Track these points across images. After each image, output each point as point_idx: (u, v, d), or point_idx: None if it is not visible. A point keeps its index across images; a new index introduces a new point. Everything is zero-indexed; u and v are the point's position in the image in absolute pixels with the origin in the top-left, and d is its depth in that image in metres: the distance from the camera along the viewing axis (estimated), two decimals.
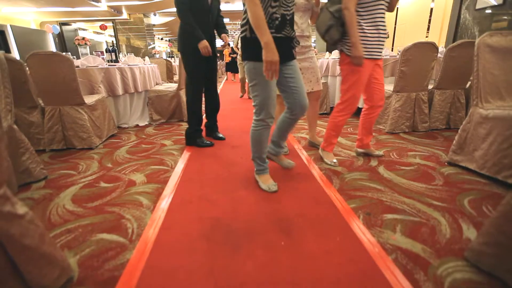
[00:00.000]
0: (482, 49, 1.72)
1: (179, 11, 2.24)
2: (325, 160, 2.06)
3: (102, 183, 1.84)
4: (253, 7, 1.28)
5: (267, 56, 1.30)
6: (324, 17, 1.76)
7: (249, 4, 1.28)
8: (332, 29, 1.73)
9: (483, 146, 1.72)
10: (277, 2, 1.37)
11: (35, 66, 2.32)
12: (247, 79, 1.51)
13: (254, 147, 1.67)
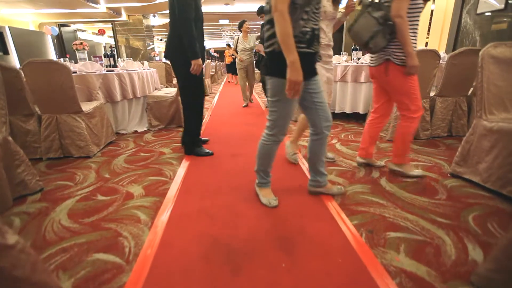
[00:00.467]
0: (486, 60, 1.69)
1: (187, 25, 2.12)
2: (411, 173, 1.93)
3: (99, 195, 1.80)
4: (282, 22, 1.21)
5: (292, 76, 1.24)
6: (368, 23, 1.64)
7: (278, 18, 1.22)
8: (379, 36, 1.63)
9: (487, 159, 1.69)
10: (307, 15, 1.31)
11: (32, 74, 2.28)
12: (270, 93, 1.44)
13: (261, 160, 1.62)
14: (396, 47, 1.68)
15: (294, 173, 2.08)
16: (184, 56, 2.21)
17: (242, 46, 4.75)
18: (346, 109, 3.61)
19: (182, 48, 2.19)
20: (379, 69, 1.79)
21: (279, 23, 1.22)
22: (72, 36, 12.01)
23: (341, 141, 2.79)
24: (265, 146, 1.56)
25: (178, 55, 2.26)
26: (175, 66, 2.36)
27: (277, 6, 1.21)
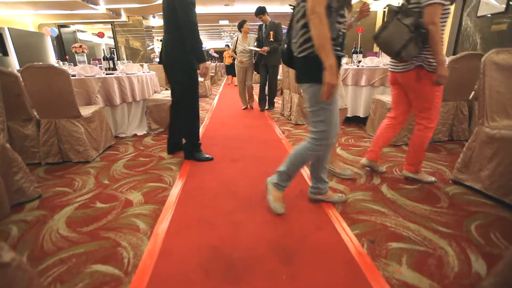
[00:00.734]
0: (489, 66, 1.68)
1: (194, 29, 2.12)
2: (426, 180, 1.92)
3: (98, 203, 1.79)
4: (320, 25, 1.18)
5: (332, 79, 1.21)
6: (400, 30, 1.55)
7: (317, 21, 1.18)
8: (411, 44, 1.55)
9: (490, 166, 1.67)
10: (342, 18, 1.29)
11: (30, 79, 2.26)
12: (310, 103, 1.37)
13: (295, 166, 1.53)
14: (429, 54, 1.62)
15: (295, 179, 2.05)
16: (187, 60, 2.20)
17: (241, 47, 4.62)
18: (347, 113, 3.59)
19: (185, 53, 2.18)
20: (408, 75, 1.72)
21: (318, 26, 1.19)
22: (72, 37, 11.99)
23: (341, 146, 2.78)
24: (312, 155, 1.48)
25: (181, 60, 2.23)
26: (176, 71, 2.31)
27: (315, 9, 1.17)
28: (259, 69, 4.61)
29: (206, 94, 6.89)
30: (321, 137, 1.42)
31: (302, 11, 1.29)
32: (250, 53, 4.65)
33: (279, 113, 4.51)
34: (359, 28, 4.13)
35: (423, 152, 1.89)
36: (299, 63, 1.37)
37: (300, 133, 3.29)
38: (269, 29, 4.40)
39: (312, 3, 1.19)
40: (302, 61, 1.35)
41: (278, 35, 4.40)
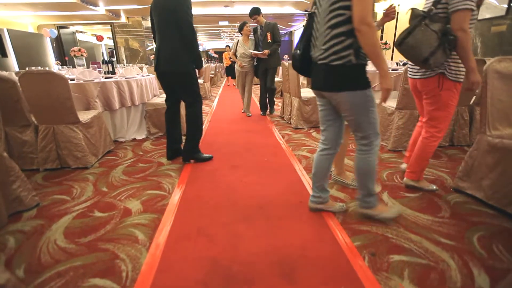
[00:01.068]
0: (491, 75, 1.66)
1: (196, 41, 2.29)
2: (427, 188, 1.91)
3: (96, 211, 1.77)
4: (373, 34, 1.19)
5: (388, 84, 1.25)
6: (428, 36, 1.48)
7: (369, 31, 1.18)
8: (440, 51, 1.49)
9: (492, 175, 1.66)
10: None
11: (28, 85, 2.25)
12: (352, 111, 1.35)
13: (370, 180, 1.49)
14: (452, 61, 1.59)
15: (295, 188, 2.05)
16: (191, 64, 2.35)
17: (242, 51, 4.32)
18: None
19: (188, 58, 2.31)
20: (428, 82, 1.68)
21: (370, 35, 1.18)
22: (71, 38, 11.98)
23: None
24: (372, 161, 1.46)
25: (190, 66, 2.35)
26: (185, 76, 2.35)
27: (366, 19, 1.17)
28: (258, 74, 4.42)
29: (205, 96, 6.87)
30: (374, 138, 1.43)
31: (338, 17, 1.26)
32: (251, 57, 4.39)
33: (279, 116, 4.50)
34: None
35: (426, 161, 1.87)
36: (333, 71, 1.33)
37: (300, 138, 3.27)
38: (265, 30, 4.20)
39: (362, 13, 1.17)
40: (338, 69, 1.31)
41: (276, 36, 4.20)
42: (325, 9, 1.31)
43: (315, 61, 1.43)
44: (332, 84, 1.35)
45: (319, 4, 1.37)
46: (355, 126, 1.43)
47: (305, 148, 2.89)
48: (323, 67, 1.36)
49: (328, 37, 1.30)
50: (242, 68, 4.40)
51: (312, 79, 1.50)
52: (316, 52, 1.40)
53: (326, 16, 1.30)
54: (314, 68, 1.45)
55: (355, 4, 1.18)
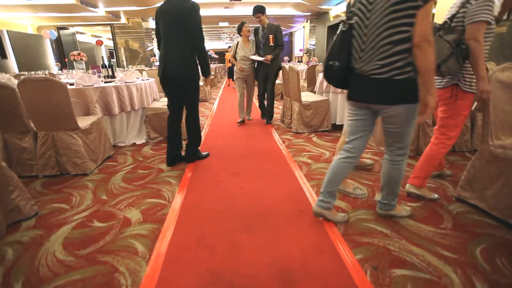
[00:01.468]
0: (493, 85, 1.65)
1: (206, 52, 2.44)
2: (428, 197, 1.91)
3: (95, 221, 1.75)
4: (432, 52, 1.22)
5: (434, 100, 1.29)
6: (440, 46, 1.55)
7: (429, 49, 1.22)
8: (452, 60, 1.56)
9: (494, 186, 1.64)
10: None
11: (27, 92, 2.23)
12: (402, 123, 1.39)
13: (396, 187, 1.59)
14: (466, 73, 1.64)
15: (295, 196, 2.03)
16: (197, 71, 2.45)
17: (242, 53, 3.99)
18: None
19: (197, 66, 2.44)
20: (442, 92, 1.76)
21: (430, 54, 1.22)
22: (71, 39, 11.97)
23: None
24: (404, 169, 1.54)
25: (196, 72, 2.44)
26: (190, 82, 2.47)
27: (429, 37, 1.21)
28: (257, 78, 4.15)
29: (205, 98, 6.85)
30: (407, 150, 1.52)
31: (401, 34, 1.26)
32: (251, 60, 4.08)
33: (279, 120, 4.48)
34: None
35: (432, 167, 1.87)
36: (394, 85, 1.33)
37: (301, 143, 3.25)
38: (268, 32, 3.87)
39: (425, 30, 1.20)
40: (401, 84, 1.32)
41: (278, 39, 3.88)
42: (380, 24, 1.29)
43: (361, 74, 1.41)
44: (390, 98, 1.36)
45: (365, 16, 1.35)
46: (398, 138, 1.47)
47: (306, 154, 2.88)
48: (379, 81, 1.34)
49: (389, 52, 1.30)
50: (242, 72, 4.07)
51: (354, 92, 1.49)
52: (366, 66, 1.38)
53: (384, 31, 1.29)
54: (359, 80, 1.44)
55: (419, 21, 1.20)
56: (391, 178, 1.57)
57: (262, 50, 3.95)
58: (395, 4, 1.23)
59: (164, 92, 2.62)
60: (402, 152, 1.51)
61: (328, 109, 3.63)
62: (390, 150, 1.53)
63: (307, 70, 5.61)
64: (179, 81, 2.41)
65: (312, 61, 7.91)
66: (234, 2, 9.15)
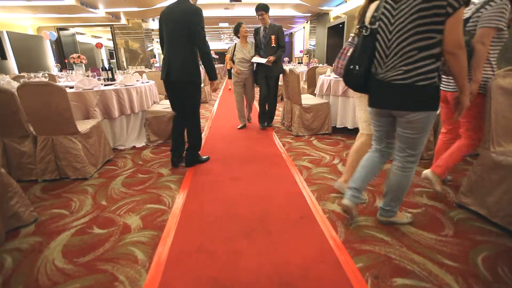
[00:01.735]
0: (495, 91, 1.64)
1: (211, 57, 2.44)
2: (438, 188, 1.95)
3: (95, 228, 1.75)
4: (465, 57, 1.25)
5: (467, 101, 1.35)
6: None
7: (463, 54, 1.24)
8: None
9: (496, 193, 1.64)
10: None
11: (27, 96, 2.22)
12: (419, 130, 1.39)
13: (403, 193, 1.59)
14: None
15: (296, 201, 2.02)
16: (200, 76, 2.47)
17: (241, 55, 3.79)
18: (348, 124, 3.56)
19: (199, 70, 2.47)
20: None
21: (464, 58, 1.25)
22: (71, 40, 11.95)
23: (343, 161, 2.74)
24: (412, 177, 1.54)
25: (198, 76, 2.47)
26: (192, 87, 2.49)
27: (462, 43, 1.22)
28: (257, 81, 3.92)
29: (206, 100, 6.85)
30: (418, 158, 1.51)
31: (428, 40, 1.26)
32: (250, 62, 3.86)
33: (280, 122, 4.47)
34: None
35: (454, 161, 1.94)
36: (418, 91, 1.33)
37: (301, 146, 3.24)
38: (269, 32, 3.67)
39: (458, 37, 1.21)
40: (424, 90, 1.31)
41: (281, 40, 3.71)
42: (406, 30, 1.29)
43: (382, 80, 1.41)
44: (412, 104, 1.35)
45: (389, 22, 1.35)
46: (412, 144, 1.45)
47: (306, 158, 2.87)
48: (401, 87, 1.35)
49: (415, 58, 1.30)
50: (240, 75, 3.86)
51: (375, 97, 1.49)
52: (389, 71, 1.38)
53: (409, 37, 1.29)
54: (381, 87, 1.43)
55: (450, 29, 1.21)
56: (399, 185, 1.55)
57: (263, 51, 3.75)
58: (421, 10, 1.22)
59: (167, 95, 2.62)
60: (414, 159, 1.49)
61: (329, 112, 3.62)
62: (401, 156, 1.51)
63: (307, 72, 5.59)
64: (182, 84, 2.45)
65: (313, 62, 7.89)
66: (234, 3, 9.14)
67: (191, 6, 2.31)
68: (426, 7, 1.21)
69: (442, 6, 1.18)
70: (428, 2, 1.20)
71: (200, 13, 2.31)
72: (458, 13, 1.18)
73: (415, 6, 1.24)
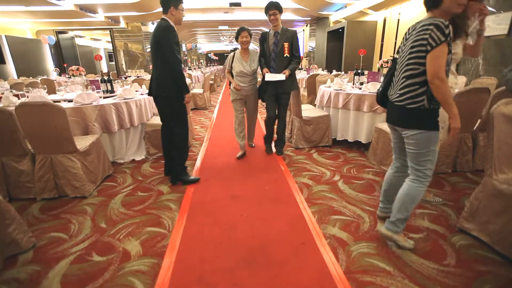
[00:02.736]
0: (498, 119, 1.63)
1: (177, 68, 2.36)
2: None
3: (94, 254, 1.73)
4: (445, 87, 1.40)
5: (458, 123, 1.46)
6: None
7: (441, 85, 1.39)
8: None
9: (498, 221, 1.63)
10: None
11: (25, 116, 2.20)
12: (420, 146, 1.54)
13: (411, 208, 1.67)
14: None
15: (297, 225, 2.01)
16: (173, 91, 2.43)
17: (239, 68, 3.02)
18: (348, 137, 3.55)
19: (170, 86, 2.42)
20: None
21: (443, 89, 1.39)
22: (70, 43, 11.91)
23: (344, 178, 2.73)
24: (423, 191, 1.64)
25: (173, 91, 2.44)
26: (171, 101, 2.49)
27: (439, 74, 1.38)
28: (264, 98, 3.20)
29: (205, 106, 6.83)
30: (430, 173, 1.62)
31: (412, 70, 1.50)
32: (252, 77, 3.12)
33: None
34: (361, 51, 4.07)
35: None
36: (407, 112, 1.55)
37: (301, 160, 3.23)
38: (282, 39, 2.94)
39: (435, 69, 1.38)
40: (412, 111, 1.53)
41: (295, 49, 3.00)
42: (402, 61, 1.58)
43: (391, 100, 1.69)
44: (405, 122, 1.59)
45: (401, 54, 1.63)
46: (416, 160, 1.61)
47: (306, 174, 2.85)
48: (398, 107, 1.60)
49: (403, 84, 1.56)
50: (239, 92, 3.14)
51: (387, 114, 1.76)
52: (393, 94, 1.66)
53: (403, 67, 1.57)
54: (390, 105, 1.71)
55: (429, 62, 1.41)
56: (407, 194, 1.66)
57: (274, 62, 3.01)
58: (411, 47, 1.51)
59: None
60: (421, 174, 1.61)
61: (329, 124, 3.61)
62: (411, 171, 1.67)
63: (307, 79, 5.58)
64: (158, 99, 2.52)
65: (313, 68, 7.88)
66: (234, 7, 9.12)
67: (162, 23, 2.35)
68: (414, 45, 1.48)
69: (424, 45, 1.42)
70: (416, 41, 1.47)
71: (168, 29, 2.31)
72: (436, 49, 1.38)
73: (409, 44, 1.52)
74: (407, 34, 1.59)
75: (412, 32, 1.53)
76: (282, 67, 3.02)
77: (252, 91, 3.22)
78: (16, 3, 6.70)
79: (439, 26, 1.36)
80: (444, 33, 1.35)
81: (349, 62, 8.43)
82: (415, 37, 1.47)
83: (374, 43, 8.42)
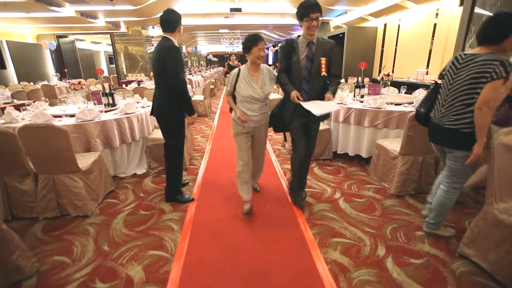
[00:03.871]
0: (498, 149, 1.65)
1: (184, 90, 2.36)
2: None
3: (97, 281, 1.74)
4: (489, 115, 1.60)
5: (481, 152, 1.66)
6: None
7: (488, 112, 1.58)
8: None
9: (498, 250, 1.64)
10: None
11: (28, 138, 2.21)
12: (461, 162, 1.80)
13: (446, 212, 2.00)
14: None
15: (298, 250, 2.02)
16: (176, 112, 2.45)
17: (247, 91, 2.19)
18: (349, 151, 3.56)
19: (174, 106, 2.43)
20: None
21: (487, 117, 1.60)
22: (71, 47, 11.93)
23: (344, 196, 2.74)
24: (455, 198, 1.94)
25: (178, 111, 2.46)
26: (171, 121, 2.51)
27: (490, 103, 1.57)
28: (289, 128, 2.38)
29: (205, 113, 6.84)
30: (462, 185, 1.93)
31: (473, 99, 1.65)
32: (264, 102, 2.28)
33: (280, 144, 4.46)
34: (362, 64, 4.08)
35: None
36: (461, 135, 1.74)
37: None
38: (319, 53, 2.13)
39: (486, 98, 1.57)
40: (466, 135, 1.72)
41: (334, 66, 2.23)
42: (460, 90, 1.72)
43: (436, 122, 1.87)
44: (458, 144, 1.78)
45: (449, 82, 1.79)
46: (456, 173, 1.88)
47: (308, 190, 2.86)
48: (450, 131, 1.78)
49: (462, 111, 1.72)
50: (245, 124, 2.30)
51: (432, 135, 1.96)
52: (442, 117, 1.83)
53: (461, 96, 1.71)
54: (436, 127, 1.88)
55: (485, 90, 1.57)
56: (442, 205, 1.97)
57: (307, 83, 2.20)
58: (472, 78, 1.64)
59: None
60: (457, 185, 1.90)
61: (330, 137, 3.62)
62: (447, 182, 1.93)
63: None
64: (158, 119, 2.56)
65: None
66: (234, 12, 9.14)
67: (166, 43, 2.28)
68: (476, 76, 1.62)
69: (486, 77, 1.57)
70: (478, 73, 1.61)
71: (173, 50, 2.27)
72: (496, 81, 1.54)
73: (469, 74, 1.65)
74: (457, 63, 1.74)
75: (468, 63, 1.66)
76: (317, 90, 2.21)
77: (263, 121, 2.37)
78: (17, 10, 6.71)
79: (504, 64, 1.52)
80: (506, 71, 1.51)
81: (349, 68, 8.45)
82: (476, 69, 1.61)
83: (374, 49, 8.45)
